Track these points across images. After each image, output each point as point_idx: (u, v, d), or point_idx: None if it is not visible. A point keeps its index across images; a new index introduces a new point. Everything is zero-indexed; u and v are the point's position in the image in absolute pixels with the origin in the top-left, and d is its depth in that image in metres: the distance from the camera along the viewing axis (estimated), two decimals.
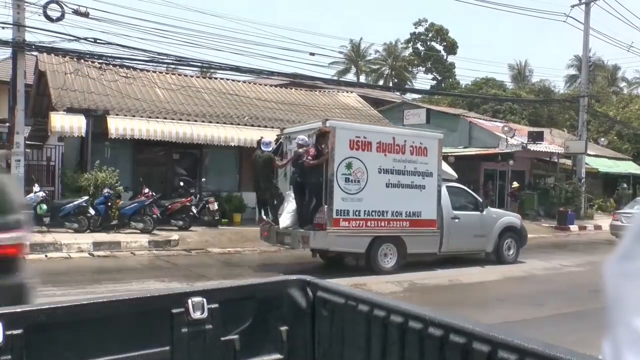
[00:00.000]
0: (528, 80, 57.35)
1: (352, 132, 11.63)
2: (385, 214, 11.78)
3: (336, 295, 2.73)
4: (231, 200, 18.93)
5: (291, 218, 11.79)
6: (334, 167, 11.14)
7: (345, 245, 11.57)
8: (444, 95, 47.31)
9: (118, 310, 2.44)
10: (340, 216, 11.24)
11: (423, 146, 12.33)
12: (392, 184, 11.92)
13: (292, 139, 12.52)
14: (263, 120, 20.14)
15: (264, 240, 13.03)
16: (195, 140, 17.36)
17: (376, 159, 11.65)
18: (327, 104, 24.48)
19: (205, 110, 19.46)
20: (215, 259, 13.28)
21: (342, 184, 11.26)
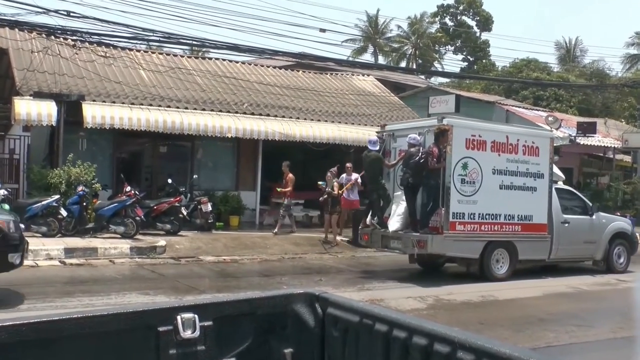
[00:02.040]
0: (578, 62, 56.90)
1: (469, 130, 12.66)
2: (499, 218, 12.93)
3: (349, 313, 2.72)
4: (227, 200, 18.99)
5: (401, 221, 12.82)
6: (451, 167, 12.20)
7: (460, 250, 12.70)
8: (476, 79, 47.15)
9: (94, 328, 2.44)
10: (456, 219, 12.34)
11: (535, 145, 13.41)
12: (505, 185, 13.05)
13: (397, 136, 13.66)
14: (265, 107, 20.18)
15: (364, 244, 14.31)
16: (186, 130, 17.41)
17: (490, 159, 12.75)
18: (340, 88, 24.50)
19: (198, 96, 19.51)
20: (208, 269, 13.33)
21: (458, 185, 12.35)
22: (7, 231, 8.90)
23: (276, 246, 16.10)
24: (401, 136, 13.46)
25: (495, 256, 13.05)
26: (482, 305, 10.78)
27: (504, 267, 13.14)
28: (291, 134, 18.88)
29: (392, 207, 13.24)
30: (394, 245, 13.02)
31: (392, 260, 15.87)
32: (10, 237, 8.94)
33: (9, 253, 8.89)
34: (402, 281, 12.67)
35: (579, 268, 15.16)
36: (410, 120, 14.72)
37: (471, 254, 12.85)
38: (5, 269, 9.08)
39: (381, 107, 23.95)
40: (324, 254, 15.97)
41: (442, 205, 12.26)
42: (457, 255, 12.96)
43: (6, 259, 8.86)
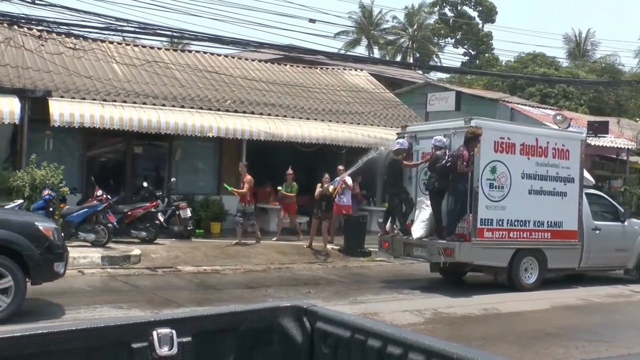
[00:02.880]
0: (589, 57, 57.18)
1: (497, 132, 13.14)
2: (528, 224, 13.32)
3: (340, 327, 2.72)
4: (208, 205, 18.96)
5: (425, 227, 13.15)
6: (479, 171, 12.60)
7: (488, 259, 13.06)
8: (478, 74, 47.32)
9: (61, 345, 2.42)
10: (484, 226, 12.74)
11: (565, 148, 13.87)
12: (535, 190, 13.45)
13: (420, 138, 13.98)
14: (250, 105, 20.17)
15: (385, 252, 14.64)
16: (164, 129, 17.38)
17: (519, 163, 13.19)
18: (331, 84, 24.53)
19: (177, 92, 19.48)
20: (187, 280, 13.30)
21: (487, 190, 12.78)
22: (52, 239, 9.21)
23: (261, 255, 16.09)
24: (424, 138, 13.79)
25: (524, 265, 13.48)
26: (485, 318, 10.81)
27: (533, 276, 13.57)
28: (278, 133, 18.89)
29: (416, 212, 13.56)
30: (418, 253, 13.41)
31: (387, 270, 15.92)
32: (55, 245, 9.27)
33: (55, 262, 9.24)
34: (398, 293, 12.68)
35: (607, 277, 15.49)
36: (434, 121, 15.25)
37: (499, 263, 13.22)
38: (50, 279, 9.48)
39: (375, 104, 23.99)
40: (313, 264, 15.97)
41: (470, 211, 12.61)
42: (485, 263, 13.30)
43: (52, 268, 9.22)
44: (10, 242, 8.89)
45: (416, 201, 13.68)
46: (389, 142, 20.92)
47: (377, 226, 21.66)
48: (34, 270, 9.06)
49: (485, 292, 13.08)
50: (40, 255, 9.03)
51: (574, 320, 10.95)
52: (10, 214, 10.43)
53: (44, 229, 9.22)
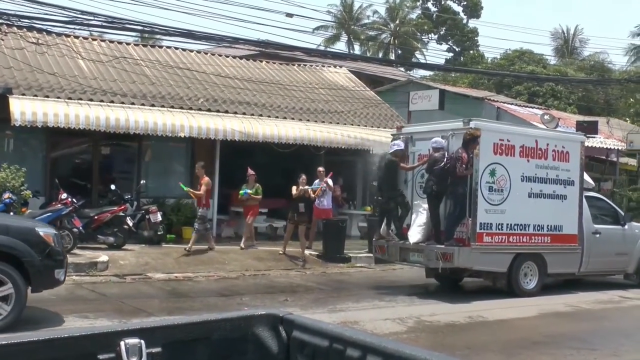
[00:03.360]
0: (577, 54, 57.71)
1: (497, 134, 13.45)
2: (527, 228, 13.62)
3: (318, 336, 2.73)
4: (180, 209, 18.88)
5: (422, 232, 13.39)
6: (478, 174, 12.86)
7: (487, 264, 13.34)
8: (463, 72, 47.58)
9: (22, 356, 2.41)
10: (483, 230, 13.00)
11: (565, 150, 14.19)
12: (534, 193, 13.77)
13: (416, 140, 14.27)
14: (224, 103, 20.13)
15: (381, 257, 14.95)
16: (132, 129, 17.28)
17: (519, 165, 13.50)
18: (309, 82, 24.55)
19: (146, 90, 19.39)
20: (157, 288, 13.26)
21: (486, 193, 13.03)
22: (52, 245, 9.35)
23: (236, 262, 16.07)
24: (421, 139, 14.08)
25: (523, 270, 13.77)
26: (470, 327, 10.87)
27: (533, 282, 13.87)
28: (253, 133, 18.86)
29: (412, 216, 13.78)
30: (415, 258, 13.67)
31: (367, 277, 15.97)
32: (56, 251, 9.42)
33: (55, 269, 9.39)
34: (380, 300, 12.72)
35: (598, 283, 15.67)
36: (431, 123, 15.58)
37: (499, 268, 13.48)
38: (51, 286, 9.67)
39: (355, 103, 24.04)
40: (290, 270, 15.98)
41: (469, 215, 12.86)
42: (484, 269, 13.55)
43: (53, 275, 9.37)
44: (11, 248, 9.02)
45: (412, 205, 13.89)
46: (370, 143, 21.05)
47: (357, 230, 21.76)
48: (34, 278, 9.20)
49: (471, 299, 13.16)
50: (40, 262, 9.17)
51: (562, 328, 11.04)
52: (9, 219, 10.55)
53: (44, 235, 9.38)
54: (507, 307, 12.57)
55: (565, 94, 42.73)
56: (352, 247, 18.54)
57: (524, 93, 41.80)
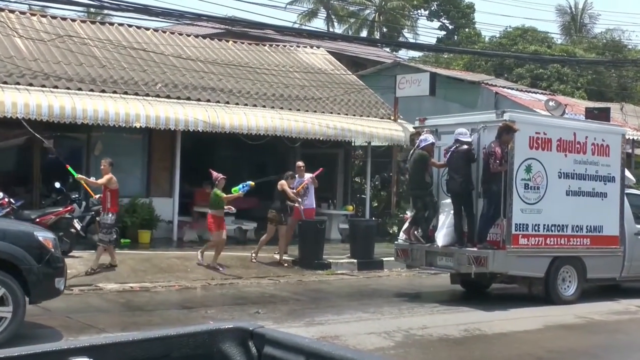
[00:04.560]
0: (587, 31, 57.96)
1: (533, 127, 13.88)
2: (565, 229, 14.06)
3: (292, 352, 2.73)
4: (136, 210, 18.81)
5: (452, 234, 13.82)
6: (513, 170, 13.27)
7: (523, 268, 13.75)
8: (457, 53, 47.73)
9: None
10: (519, 231, 13.40)
11: (605, 144, 14.60)
12: (573, 191, 14.22)
13: (441, 133, 14.64)
14: (185, 89, 20.05)
15: (403, 262, 15.39)
16: (80, 118, 17.16)
17: (556, 161, 13.95)
18: (282, 64, 24.53)
19: (96, 74, 19.27)
20: (110, 300, 13.20)
21: (522, 191, 13.43)
22: (52, 251, 9.52)
23: (200, 269, 16.03)
24: (447, 133, 14.45)
25: (561, 274, 14.16)
26: (466, 341, 10.91)
27: (572, 288, 14.26)
28: (219, 123, 18.82)
29: (440, 217, 14.21)
30: (443, 262, 14.11)
31: (350, 285, 16.00)
32: (55, 258, 9.60)
33: (56, 277, 9.57)
34: (364, 312, 12.74)
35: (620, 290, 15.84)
36: (459, 115, 16.14)
37: (535, 272, 13.88)
38: (51, 296, 9.89)
39: (335, 88, 24.06)
40: (262, 279, 15.97)
41: (504, 215, 13.26)
42: (520, 273, 13.97)
43: (53, 285, 9.56)
44: (8, 254, 9.12)
45: (440, 204, 14.37)
46: (351, 134, 21.09)
47: (337, 233, 21.82)
48: (33, 287, 9.32)
49: (468, 309, 13.22)
50: (40, 270, 9.30)
51: (571, 342, 11.11)
52: (5, 222, 10.72)
53: (44, 240, 9.51)
54: (508, 319, 12.64)
55: (572, 77, 42.86)
56: (332, 252, 18.57)
57: (526, 76, 41.94)
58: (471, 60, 46.67)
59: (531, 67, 42.27)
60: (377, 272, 17.59)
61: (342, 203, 23.75)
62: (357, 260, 17.83)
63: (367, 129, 21.89)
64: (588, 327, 12.44)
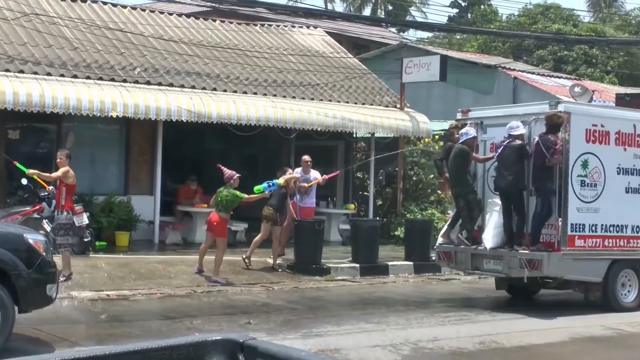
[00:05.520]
0: (619, 8, 57.78)
1: (589, 118, 14.16)
2: (625, 230, 14.34)
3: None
4: (112, 209, 18.80)
5: (501, 235, 14.11)
6: (568, 166, 13.54)
7: (580, 272, 13.96)
8: (471, 33, 47.72)
9: None
10: (575, 232, 13.69)
11: None
12: (633, 188, 14.45)
13: (487, 126, 14.94)
14: (167, 74, 20.02)
15: (445, 265, 15.95)
16: (49, 107, 17.13)
17: (615, 155, 14.21)
18: (276, 46, 24.50)
19: (67, 57, 19.24)
20: (84, 310, 13.19)
21: (577, 189, 13.74)
22: (44, 255, 9.64)
23: (184, 275, 16.03)
24: (493, 125, 14.79)
25: (620, 279, 14.33)
26: (481, 355, 10.93)
27: (632, 293, 14.47)
28: (205, 112, 18.79)
29: (487, 217, 14.52)
30: (490, 266, 14.38)
31: (351, 292, 16.01)
32: (47, 263, 9.71)
33: (47, 284, 9.68)
34: (367, 322, 12.74)
35: None
36: (506, 106, 16.58)
37: (593, 277, 14.04)
38: (42, 304, 9.98)
39: (335, 73, 24.04)
40: (253, 286, 15.96)
41: (559, 214, 13.53)
42: (577, 278, 14.11)
43: (44, 292, 9.67)
44: None
45: (486, 203, 14.56)
46: (353, 123, 21.08)
47: (337, 234, 21.82)
48: (23, 295, 9.39)
49: (484, 319, 13.23)
50: (30, 276, 9.37)
51: (598, 357, 11.12)
52: None
53: (34, 243, 9.61)
54: (530, 330, 12.63)
55: (601, 60, 42.70)
56: (331, 256, 18.56)
57: (548, 59, 41.87)
58: (487, 41, 46.63)
59: (554, 48, 42.16)
60: (382, 278, 17.58)
61: (342, 201, 23.73)
62: (359, 264, 17.81)
63: (370, 118, 21.87)
64: (618, 340, 12.43)
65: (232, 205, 15.86)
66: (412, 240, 19.07)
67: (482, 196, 14.78)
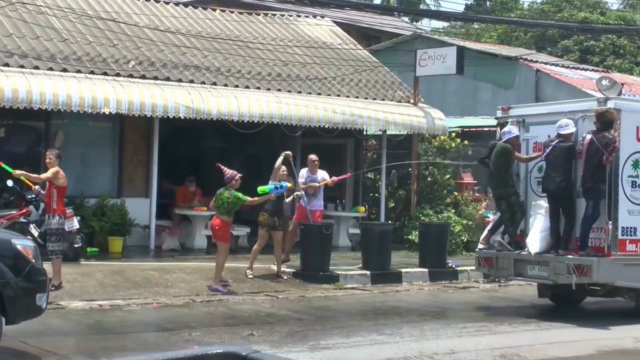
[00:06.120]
0: None
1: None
2: None
3: None
4: (105, 213, 18.82)
5: (547, 239, 14.27)
6: (618, 166, 13.82)
7: (631, 279, 14.10)
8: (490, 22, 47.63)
9: None
10: (626, 236, 13.91)
11: None
12: None
13: (530, 124, 15.25)
14: (163, 67, 20.02)
15: (486, 272, 16.34)
16: (37, 103, 17.15)
17: None
18: (280, 38, 24.50)
19: (56, 49, 19.26)
20: (75, 321, 13.17)
21: (628, 190, 14.01)
22: (33, 262, 9.65)
23: (182, 283, 16.04)
24: (537, 124, 15.18)
25: None
26: None
27: None
28: (204, 108, 18.80)
29: (531, 220, 14.69)
30: (535, 272, 14.59)
31: (362, 302, 16.01)
32: (37, 270, 9.73)
33: (37, 293, 9.68)
34: (379, 334, 12.72)
35: None
36: (550, 103, 16.70)
37: None
38: (31, 315, 9.98)
39: (344, 65, 24.04)
40: (256, 294, 15.96)
41: (609, 217, 13.71)
42: (628, 284, 14.25)
43: (34, 302, 9.69)
44: None
45: (530, 205, 14.74)
46: (363, 120, 21.06)
47: (347, 239, 21.81)
48: (11, 305, 9.40)
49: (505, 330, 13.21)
50: (19, 284, 9.38)
51: None
52: None
53: (22, 249, 9.62)
54: (554, 341, 12.60)
55: (631, 50, 42.63)
56: (340, 262, 18.57)
57: (574, 50, 41.79)
58: (507, 31, 46.60)
59: (580, 38, 42.05)
60: (395, 286, 17.57)
61: (352, 204, 23.74)
62: (370, 271, 17.81)
63: (381, 114, 21.86)
64: None
65: (234, 208, 15.83)
66: (427, 246, 19.06)
67: (524, 198, 14.92)
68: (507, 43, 42.98)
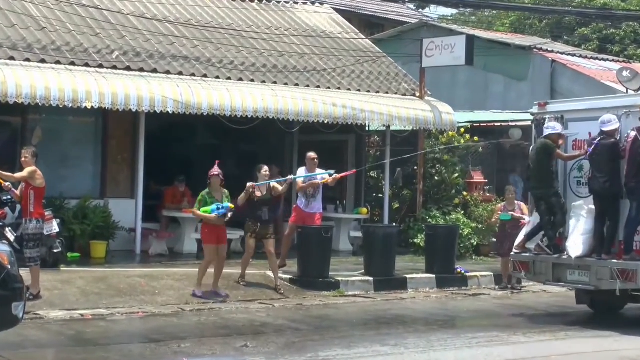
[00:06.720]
0: None
1: None
2: None
3: None
4: (87, 215, 18.80)
5: (588, 243, 14.49)
6: None
7: None
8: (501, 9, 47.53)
9: None
10: None
11: None
12: None
13: (568, 120, 15.36)
14: (150, 58, 20.00)
15: (522, 277, 16.79)
16: (12, 96, 17.11)
17: None
18: (276, 26, 24.50)
19: (33, 38, 19.25)
20: (54, 332, 13.12)
21: None
22: (9, 269, 9.65)
23: (171, 291, 16.03)
24: (575, 120, 15.33)
25: None
26: None
27: None
28: (194, 102, 18.78)
29: (571, 223, 14.86)
30: (575, 277, 14.79)
31: (364, 310, 16.02)
32: (12, 277, 9.71)
33: (13, 302, 9.64)
34: (382, 345, 12.68)
35: None
36: (590, 98, 16.91)
37: None
38: (7, 326, 9.92)
39: (344, 56, 24.05)
40: (250, 303, 15.96)
41: None
42: None
43: (9, 311, 9.63)
44: None
45: (571, 207, 15.01)
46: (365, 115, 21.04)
47: (348, 243, 21.80)
48: None
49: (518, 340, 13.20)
50: None
51: None
52: None
53: None
54: (570, 352, 12.57)
55: None
56: (341, 268, 18.57)
57: (592, 39, 41.78)
58: (520, 18, 46.55)
59: (599, 26, 42.03)
60: (399, 293, 17.57)
61: (353, 205, 23.73)
62: (373, 277, 17.84)
63: (385, 108, 21.86)
64: None
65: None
66: (434, 250, 19.08)
67: (564, 199, 15.03)
68: (520, 31, 42.98)
